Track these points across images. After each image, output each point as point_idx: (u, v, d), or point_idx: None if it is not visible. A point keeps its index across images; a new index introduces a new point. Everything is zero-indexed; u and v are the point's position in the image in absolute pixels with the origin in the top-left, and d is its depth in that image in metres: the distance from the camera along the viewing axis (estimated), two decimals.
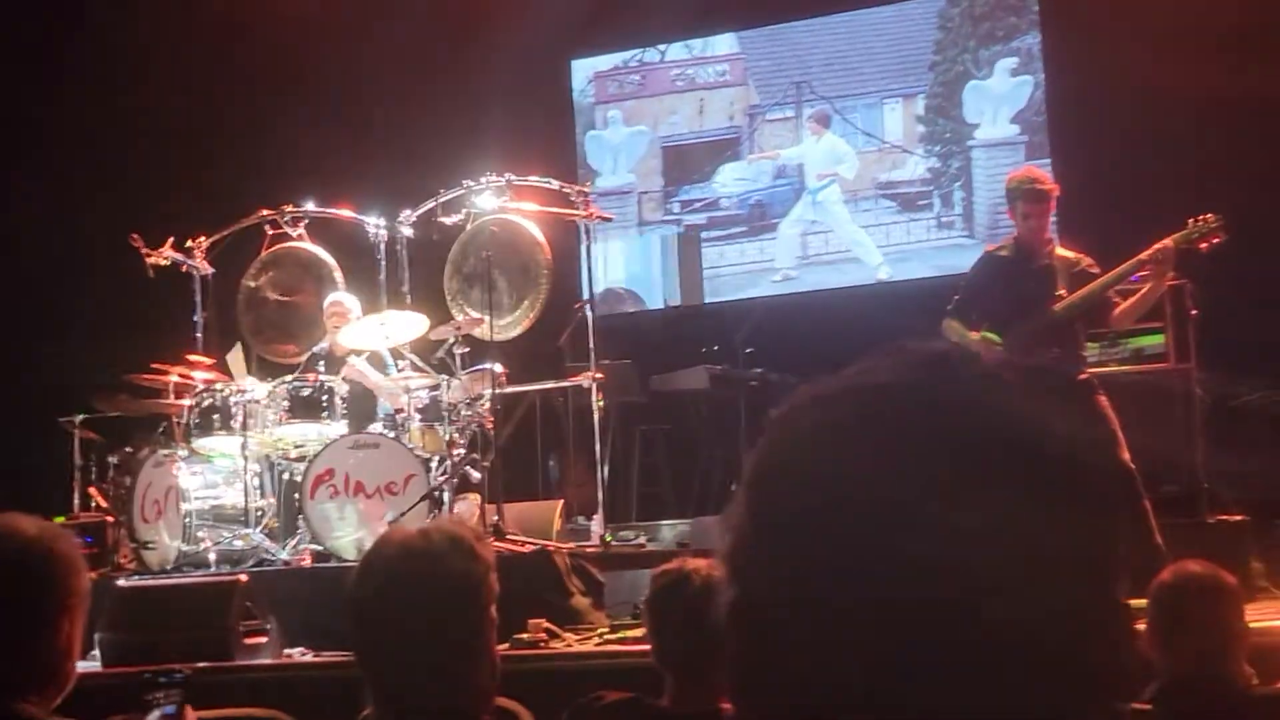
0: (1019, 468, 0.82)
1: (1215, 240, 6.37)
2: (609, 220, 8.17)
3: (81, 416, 9.01)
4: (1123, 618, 0.86)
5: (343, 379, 7.57)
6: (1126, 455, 5.98)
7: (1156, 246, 6.29)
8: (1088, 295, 6.40)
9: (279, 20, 10.88)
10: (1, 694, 2.22)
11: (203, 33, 11.02)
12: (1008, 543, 0.80)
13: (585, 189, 8.22)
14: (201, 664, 5.32)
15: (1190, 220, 6.38)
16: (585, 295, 8.23)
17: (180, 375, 7.84)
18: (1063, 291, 6.46)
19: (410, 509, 6.93)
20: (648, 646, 3.67)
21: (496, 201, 8.07)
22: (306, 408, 7.43)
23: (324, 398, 7.44)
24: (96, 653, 5.77)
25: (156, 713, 2.35)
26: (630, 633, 5.86)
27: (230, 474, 7.63)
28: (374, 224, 8.21)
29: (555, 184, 8.17)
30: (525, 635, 5.71)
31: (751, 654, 0.87)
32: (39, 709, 2.24)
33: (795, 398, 0.89)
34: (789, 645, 0.84)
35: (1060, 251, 6.66)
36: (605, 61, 11.46)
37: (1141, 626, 3.31)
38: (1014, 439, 0.83)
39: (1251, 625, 3.54)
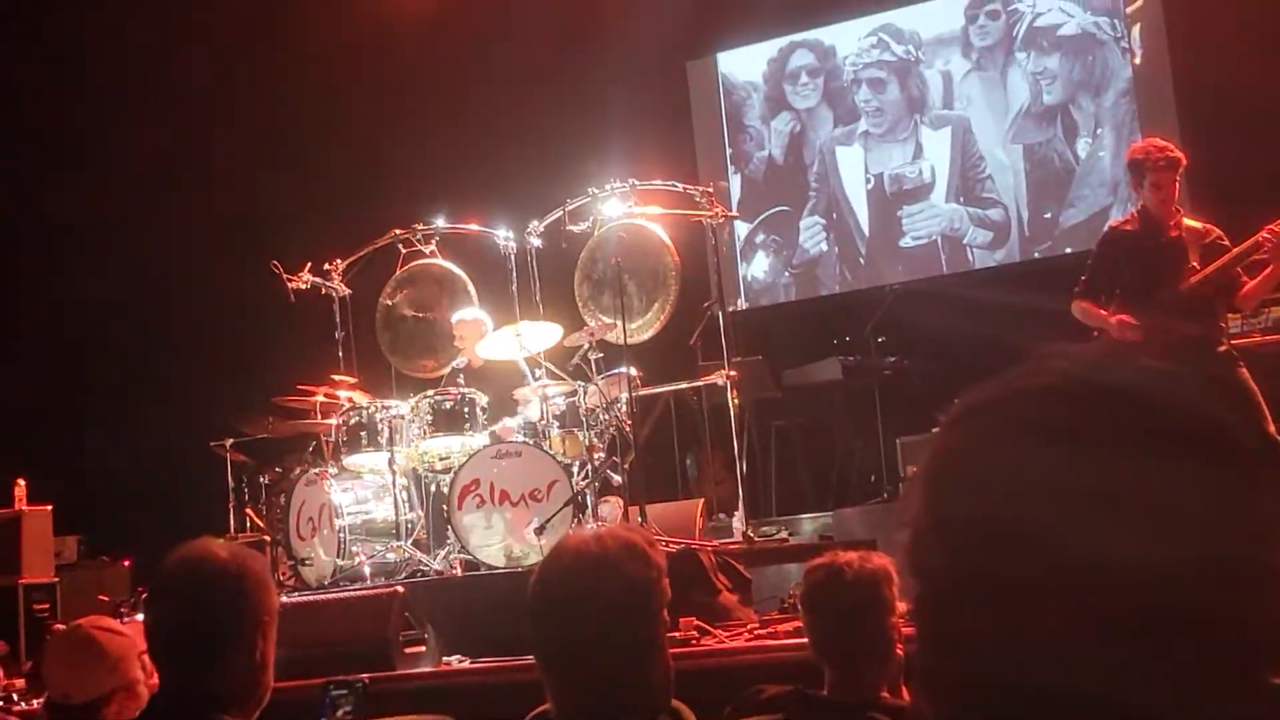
0: (1183, 458, 0.87)
1: None
2: (735, 219, 8.20)
3: (232, 440, 9.27)
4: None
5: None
6: (1272, 428, 5.87)
7: (1267, 229, 6.13)
8: (1221, 269, 6.26)
9: (399, 43, 11.14)
10: (206, 708, 2.37)
11: (326, 58, 11.30)
12: (1177, 530, 0.85)
13: (709, 189, 8.27)
14: (366, 675, 5.49)
15: None
16: (714, 294, 8.30)
17: (325, 395, 8.06)
18: (1196, 263, 6.32)
19: (555, 514, 7.04)
20: (800, 640, 3.72)
21: (622, 207, 8.16)
22: (449, 420, 7.59)
23: (466, 410, 7.60)
24: None
25: (339, 712, 2.48)
26: (780, 627, 5.90)
27: (379, 488, 7.81)
28: (503, 236, 8.33)
29: (679, 186, 8.24)
30: (677, 634, 5.76)
31: (934, 644, 0.94)
32: None
33: (964, 400, 0.95)
34: (969, 635, 0.90)
35: (1188, 222, 6.50)
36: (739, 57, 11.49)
37: None
38: (1177, 431, 0.88)
39: None
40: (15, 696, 6.51)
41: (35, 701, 6.03)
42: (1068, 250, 10.09)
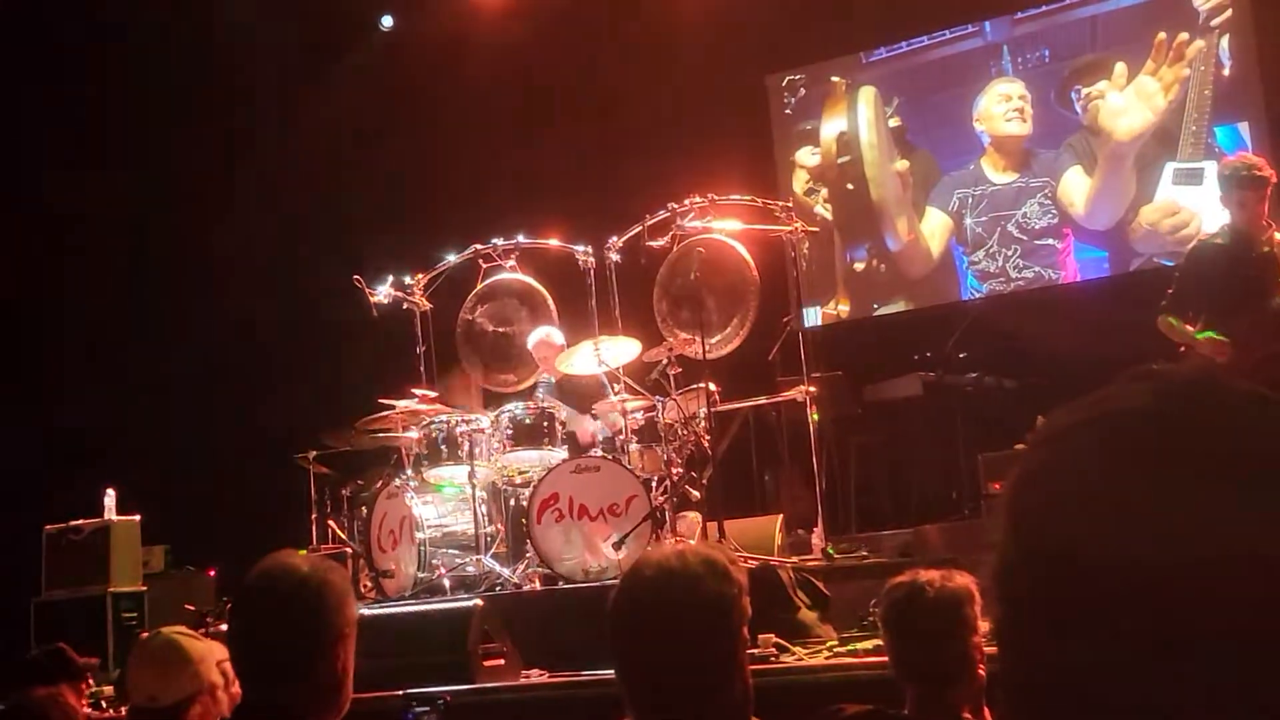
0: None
1: None
2: (815, 233, 8.17)
3: (315, 453, 9.36)
4: None
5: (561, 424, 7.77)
6: None
7: None
8: None
9: (480, 60, 11.23)
10: (288, 717, 2.39)
11: (408, 77, 11.42)
12: (1271, 561, 0.83)
13: (788, 204, 8.24)
14: (446, 689, 5.51)
15: None
16: (793, 309, 8.27)
17: (406, 409, 8.12)
18: None
19: (633, 530, 7.04)
20: (879, 658, 3.69)
21: (701, 222, 8.16)
22: (529, 435, 7.63)
23: (545, 424, 7.63)
24: None
25: None
26: (860, 645, 5.85)
27: (459, 501, 7.86)
28: (582, 252, 8.36)
29: (758, 201, 8.23)
30: (755, 650, 5.73)
31: (1018, 672, 0.92)
32: None
33: (1050, 422, 0.93)
34: (1054, 660, 0.88)
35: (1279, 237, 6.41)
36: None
37: None
38: (1274, 459, 0.86)
39: None
40: (104, 704, 6.61)
41: (124, 709, 6.13)
42: (1154, 262, 9.94)
